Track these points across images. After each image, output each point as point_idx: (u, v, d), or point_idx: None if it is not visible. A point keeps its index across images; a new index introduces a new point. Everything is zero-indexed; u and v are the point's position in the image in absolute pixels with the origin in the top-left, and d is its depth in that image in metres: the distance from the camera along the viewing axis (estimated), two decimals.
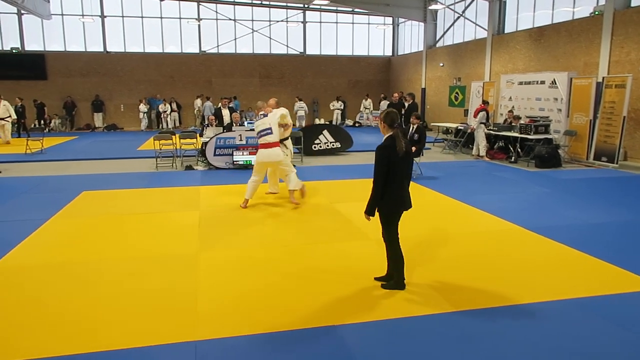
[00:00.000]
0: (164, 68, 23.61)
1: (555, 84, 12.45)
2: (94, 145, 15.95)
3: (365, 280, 4.37)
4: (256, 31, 24.92)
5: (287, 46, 25.67)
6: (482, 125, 12.59)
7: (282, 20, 25.12)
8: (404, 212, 4.16)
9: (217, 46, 24.55)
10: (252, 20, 24.78)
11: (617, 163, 11.06)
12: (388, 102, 13.94)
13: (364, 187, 8.68)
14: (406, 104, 13.07)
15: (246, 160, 10.77)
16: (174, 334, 3.42)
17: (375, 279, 4.32)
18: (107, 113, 23.08)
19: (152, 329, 3.49)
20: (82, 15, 22.29)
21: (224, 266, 4.77)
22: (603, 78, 11.86)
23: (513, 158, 11.92)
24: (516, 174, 10.26)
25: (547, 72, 13.34)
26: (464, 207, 7.22)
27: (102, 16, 22.76)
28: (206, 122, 13.82)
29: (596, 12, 13.06)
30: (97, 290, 4.18)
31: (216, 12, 24.11)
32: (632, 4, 12.24)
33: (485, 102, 13.29)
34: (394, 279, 4.19)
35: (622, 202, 7.54)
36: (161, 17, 23.51)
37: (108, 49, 23.07)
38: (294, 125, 23.32)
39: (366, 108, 24.00)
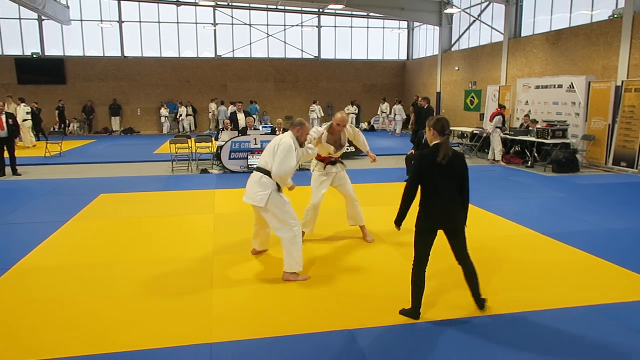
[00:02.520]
0: (180, 72, 23.87)
1: (573, 87, 12.30)
2: (111, 149, 16.17)
3: (380, 284, 4.35)
4: (271, 36, 25.08)
5: (301, 50, 25.77)
6: (498, 130, 12.48)
7: (296, 25, 25.24)
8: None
9: (233, 51, 24.75)
10: (267, 25, 24.95)
11: (636, 168, 10.87)
12: (415, 107, 13.79)
13: (377, 192, 8.70)
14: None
15: None
16: (189, 335, 3.44)
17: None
18: (124, 117, 23.40)
19: (167, 330, 3.52)
20: (101, 20, 22.66)
21: (239, 269, 4.79)
22: (622, 82, 11.68)
23: (529, 163, 11.79)
24: (533, 178, 10.14)
25: (564, 76, 13.19)
26: (480, 212, 7.15)
27: (120, 21, 23.10)
28: (221, 126, 13.92)
29: (615, 15, 12.87)
30: (114, 292, 4.23)
31: (232, 17, 24.32)
32: None
33: (501, 106, 13.18)
34: (412, 306, 3.71)
35: (635, 209, 7.41)
36: (177, 22, 23.78)
37: (125, 54, 23.40)
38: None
39: (383, 112, 23.97)
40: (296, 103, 25.16)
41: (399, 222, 3.71)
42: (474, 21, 20.38)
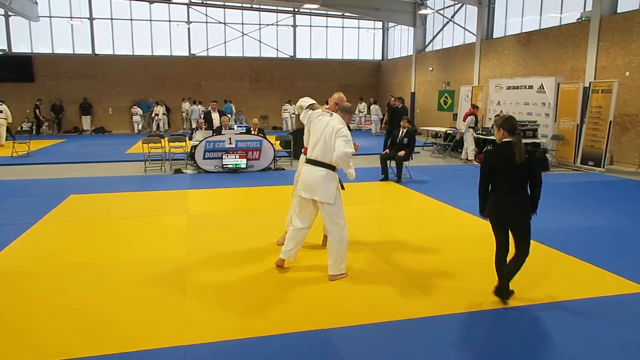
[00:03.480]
0: (153, 71, 23.50)
1: (543, 88, 12.58)
2: (82, 149, 15.80)
3: (358, 284, 4.36)
4: (246, 34, 24.92)
5: (277, 50, 25.69)
6: (471, 130, 12.68)
7: (272, 24, 25.15)
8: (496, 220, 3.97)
9: (207, 49, 24.50)
10: (242, 24, 24.78)
11: (603, 167, 11.19)
12: (389, 107, 13.89)
13: (354, 191, 8.72)
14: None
15: (235, 164, 10.73)
16: (162, 338, 3.38)
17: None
18: (95, 116, 22.91)
19: (139, 333, 3.45)
20: (71, 17, 22.12)
21: (212, 270, 4.73)
22: (590, 83, 12.01)
23: None
24: None
25: (535, 77, 13.48)
26: (454, 210, 7.25)
27: (91, 18, 22.60)
28: (195, 126, 13.76)
29: (583, 18, 13.23)
30: (82, 296, 4.12)
31: (206, 15, 24.06)
32: (618, 10, 12.42)
33: (474, 107, 13.39)
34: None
35: (609, 205, 7.62)
36: (150, 20, 23.41)
37: (96, 52, 22.92)
38: (281, 128, 23.53)
39: (360, 112, 24.05)
40: (272, 103, 25.08)
41: (480, 211, 4.08)
42: (448, 22, 20.65)
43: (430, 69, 21.80)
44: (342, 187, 4.61)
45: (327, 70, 26.19)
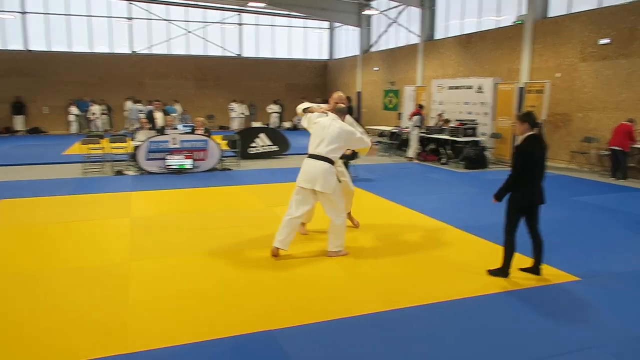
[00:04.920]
0: (93, 68, 22.54)
1: (482, 89, 13.10)
2: (15, 150, 14.93)
3: (304, 283, 4.38)
4: (191, 32, 24.39)
5: (223, 48, 25.31)
6: (417, 129, 13.02)
7: (217, 22, 24.75)
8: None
9: (150, 47, 23.78)
10: (187, 21, 24.23)
11: None
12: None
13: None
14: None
15: (180, 165, 10.49)
16: (103, 347, 3.25)
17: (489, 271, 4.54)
18: (29, 116, 21.68)
19: (79, 343, 3.31)
20: (0, 11, 20.82)
21: (157, 275, 4.61)
22: (525, 84, 12.63)
23: (444, 160, 12.41)
24: (447, 175, 10.69)
25: (474, 78, 14.01)
26: (399, 208, 7.42)
27: (23, 12, 21.38)
28: (137, 126, 13.34)
29: (518, 22, 13.89)
30: (16, 307, 3.90)
31: (148, 11, 23.34)
32: (549, 15, 13.13)
33: (420, 106, 13.75)
34: (502, 266, 4.46)
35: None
36: (89, 16, 22.44)
37: (30, 48, 21.70)
38: (228, 127, 23.19)
39: None
40: (218, 102, 24.67)
41: (501, 198, 4.46)
42: (392, 23, 21.08)
43: (376, 69, 22.18)
44: (339, 180, 5.20)
45: (274, 69, 26.09)
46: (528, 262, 4.64)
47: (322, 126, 5.00)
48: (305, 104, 5.39)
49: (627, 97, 10.90)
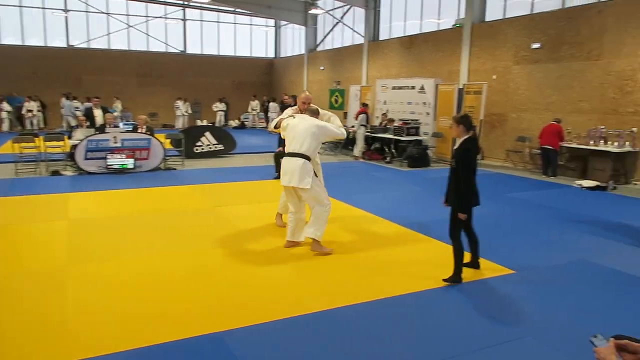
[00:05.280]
0: (25, 63, 21.30)
1: (424, 89, 13.51)
2: None
3: (251, 283, 4.38)
4: (132, 27, 23.58)
5: (166, 44, 24.66)
6: (363, 127, 13.24)
7: (160, 17, 24.06)
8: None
9: (88, 41, 22.79)
10: (127, 15, 23.40)
11: None
12: (280, 105, 14.06)
13: (249, 190, 8.70)
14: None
15: (122, 164, 10.15)
16: (42, 357, 3.12)
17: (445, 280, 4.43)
18: None
19: (16, 355, 3.15)
20: None
21: (97, 279, 4.45)
22: (464, 85, 13.14)
23: (388, 159, 12.71)
24: (392, 173, 10.95)
25: (416, 78, 14.42)
26: (345, 206, 7.53)
27: None
28: (75, 124, 12.77)
29: (457, 25, 14.42)
30: None
31: (86, 3, 22.34)
32: (486, 19, 13.73)
33: (364, 105, 13.99)
34: (454, 272, 4.42)
35: (482, 196, 8.40)
36: (20, 6, 21.19)
37: None
38: (173, 126, 22.64)
39: (253, 109, 23.91)
40: (162, 99, 24.02)
41: (467, 210, 4.42)
42: (337, 23, 21.30)
43: (322, 68, 22.34)
44: (316, 175, 5.28)
45: (220, 66, 25.71)
46: (466, 257, 4.86)
47: (292, 126, 5.21)
48: (274, 122, 5.67)
49: (556, 99, 11.60)
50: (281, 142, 11.19)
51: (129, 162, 10.22)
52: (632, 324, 3.66)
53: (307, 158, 5.09)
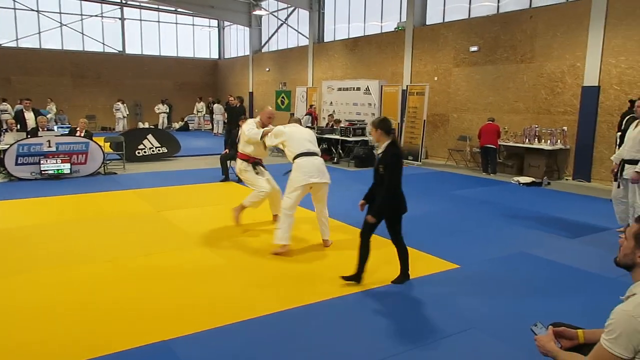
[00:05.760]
0: None
1: (369, 90, 13.73)
2: None
3: (195, 290, 4.25)
4: (65, 25, 22.47)
5: (103, 44, 23.68)
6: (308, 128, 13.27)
7: (96, 15, 23.07)
8: None
9: (17, 39, 21.49)
10: (60, 13, 22.28)
11: (420, 161, 12.66)
12: (228, 107, 13.81)
13: (194, 193, 8.49)
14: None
15: (57, 169, 9.62)
16: None
17: (393, 282, 4.38)
18: None
19: None
20: None
21: (33, 290, 4.17)
22: (407, 86, 13.47)
23: (335, 159, 12.80)
24: (339, 173, 11.02)
25: (361, 80, 14.63)
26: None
27: None
28: (5, 127, 12.01)
29: (399, 28, 14.76)
30: None
31: (15, 0, 21.05)
32: (427, 23, 14.13)
33: (311, 106, 14.04)
34: (401, 273, 4.39)
35: (427, 194, 8.65)
36: None
37: None
38: (113, 129, 21.78)
39: (199, 111, 23.39)
40: (99, 101, 23.06)
41: (380, 215, 4.23)
42: (282, 24, 21.26)
43: (267, 69, 22.22)
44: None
45: (162, 67, 25.00)
46: (426, 257, 4.94)
47: (292, 132, 5.41)
48: (259, 134, 5.78)
49: (494, 99, 12.11)
50: (227, 144, 11.04)
51: (65, 167, 9.71)
52: (569, 311, 3.86)
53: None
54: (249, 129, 5.81)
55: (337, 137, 12.84)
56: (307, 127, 13.15)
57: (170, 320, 3.65)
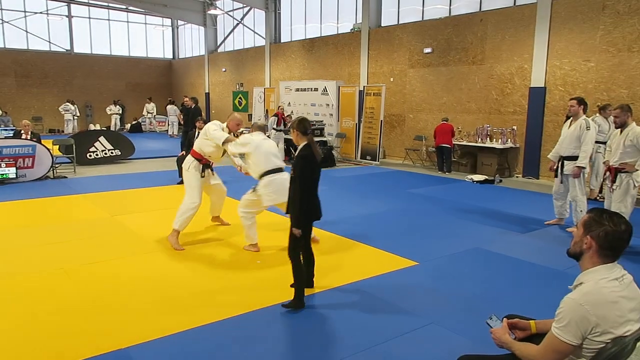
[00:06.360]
0: None
1: (327, 91, 13.80)
2: None
3: (156, 295, 4.15)
4: (7, 22, 21.39)
5: (49, 42, 22.71)
6: (273, 130, 13.16)
7: (41, 12, 22.10)
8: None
9: None
10: (2, 10, 21.20)
11: (378, 161, 12.84)
12: (183, 108, 13.52)
13: (150, 197, 8.28)
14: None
15: (1, 174, 9.16)
16: None
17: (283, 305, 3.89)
18: None
19: None
20: None
21: None
22: (364, 87, 13.62)
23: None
24: None
25: (319, 80, 14.69)
26: None
27: None
28: None
29: (355, 29, 14.91)
30: None
31: None
32: (382, 24, 14.35)
33: (278, 107, 13.95)
34: (295, 296, 3.87)
35: (385, 193, 8.79)
36: None
37: None
38: (61, 131, 20.93)
39: (149, 112, 22.80)
40: (46, 102, 22.12)
41: (302, 224, 3.87)
42: (238, 24, 21.05)
43: (224, 69, 21.94)
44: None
45: (112, 67, 24.23)
46: (376, 252, 5.02)
47: (262, 144, 5.13)
48: (222, 139, 5.39)
49: (447, 100, 12.44)
50: (184, 145, 10.82)
51: (10, 172, 9.26)
52: (522, 303, 4.02)
53: None
54: (214, 129, 5.46)
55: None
56: (273, 128, 13.13)
57: (128, 328, 3.55)
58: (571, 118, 6.24)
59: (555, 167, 6.38)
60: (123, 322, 3.65)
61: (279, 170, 5.15)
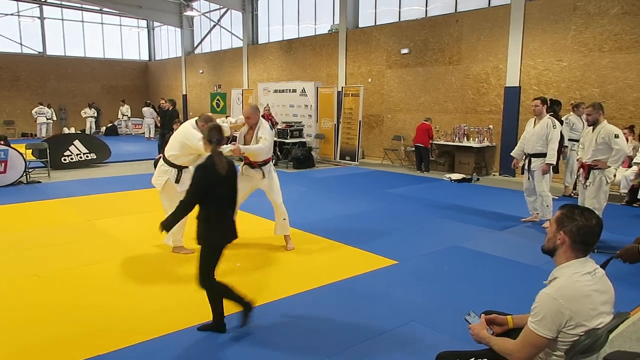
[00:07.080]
0: None
1: (305, 92, 13.79)
2: None
3: (136, 299, 4.09)
4: None
5: (21, 44, 22.19)
6: None
7: (12, 14, 21.58)
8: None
9: None
10: None
11: (357, 161, 12.90)
12: (160, 110, 13.37)
13: (127, 200, 8.16)
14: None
15: None
16: None
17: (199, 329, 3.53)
18: None
19: None
20: None
21: None
22: (342, 88, 13.67)
23: (274, 161, 12.73)
24: (279, 176, 10.96)
25: (297, 82, 14.68)
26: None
27: None
28: None
29: (332, 30, 14.95)
30: None
31: None
32: (360, 25, 14.42)
33: (264, 108, 13.89)
34: (213, 319, 3.50)
35: (364, 193, 8.82)
36: None
37: None
38: (34, 135, 20.46)
39: (124, 115, 22.45)
40: (18, 105, 21.61)
41: (169, 227, 3.40)
42: (215, 26, 20.91)
43: (201, 71, 21.76)
44: None
45: (87, 69, 23.81)
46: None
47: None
48: (229, 124, 5.43)
49: (425, 100, 12.57)
50: (161, 148, 10.69)
51: None
52: (499, 299, 4.08)
53: None
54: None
55: (275, 139, 12.79)
56: None
57: (103, 335, 3.49)
58: (535, 117, 6.47)
59: (520, 164, 6.61)
60: (97, 327, 3.59)
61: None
